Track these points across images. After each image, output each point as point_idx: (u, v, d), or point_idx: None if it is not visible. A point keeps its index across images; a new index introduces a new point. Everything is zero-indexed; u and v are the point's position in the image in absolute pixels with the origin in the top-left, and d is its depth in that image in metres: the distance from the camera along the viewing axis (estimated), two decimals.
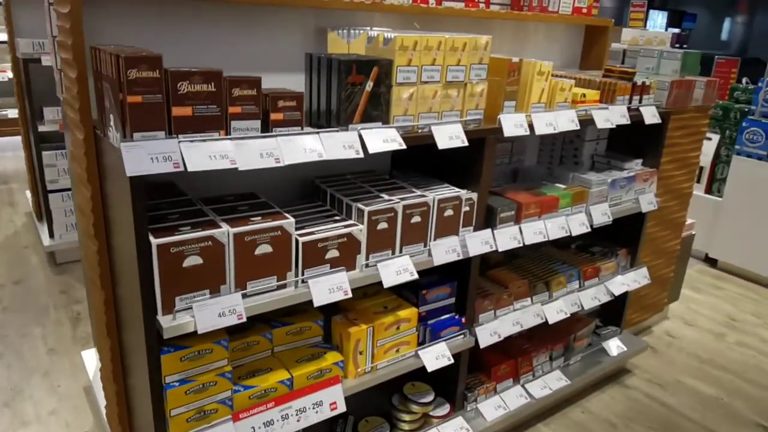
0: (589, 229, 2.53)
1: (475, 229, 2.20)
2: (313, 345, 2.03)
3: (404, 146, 1.81)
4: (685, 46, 9.72)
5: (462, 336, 2.30)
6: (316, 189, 2.12)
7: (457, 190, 2.11)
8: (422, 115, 1.92)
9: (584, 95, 2.42)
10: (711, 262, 4.81)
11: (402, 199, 1.95)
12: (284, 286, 1.75)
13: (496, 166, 2.84)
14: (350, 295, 1.81)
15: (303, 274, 1.77)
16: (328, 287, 1.78)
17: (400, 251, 1.99)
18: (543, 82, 2.23)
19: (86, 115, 1.72)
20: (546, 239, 2.38)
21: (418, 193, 2.04)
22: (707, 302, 4.14)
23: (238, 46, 2.02)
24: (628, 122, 2.54)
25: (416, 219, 1.98)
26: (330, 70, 1.73)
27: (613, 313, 3.20)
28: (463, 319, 2.30)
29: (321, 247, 1.77)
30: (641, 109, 2.64)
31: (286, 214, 1.73)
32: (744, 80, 5.27)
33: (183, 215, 1.68)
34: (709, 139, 4.80)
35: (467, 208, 2.14)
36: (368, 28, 2.13)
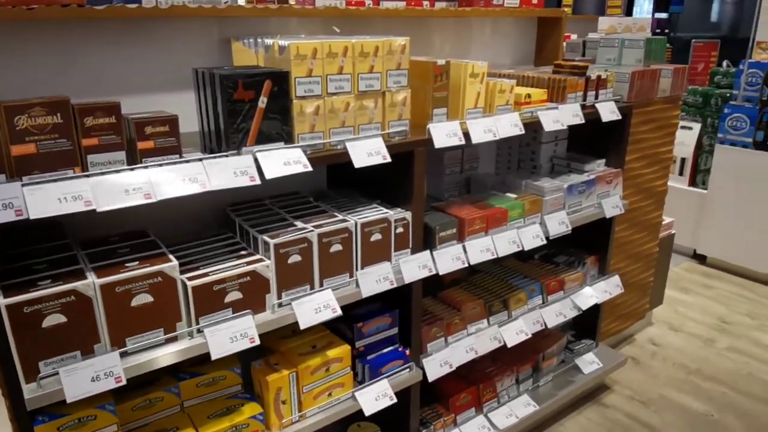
0: (545, 242, 2.30)
1: (413, 252, 1.97)
2: (230, 396, 1.80)
3: (310, 168, 1.59)
4: (666, 31, 9.50)
5: (407, 370, 2.07)
6: (227, 218, 1.90)
7: (385, 211, 1.88)
8: (334, 131, 1.69)
9: (529, 95, 2.19)
10: (700, 258, 4.58)
11: (318, 226, 1.73)
12: (175, 339, 1.52)
13: (447, 176, 2.62)
14: (257, 342, 1.59)
15: (198, 323, 1.54)
16: (230, 336, 1.56)
17: (321, 285, 1.76)
18: (478, 84, 2.00)
19: None
20: (495, 256, 2.15)
21: (340, 217, 1.81)
22: (696, 304, 3.91)
23: (132, 66, 1.80)
24: (583, 121, 2.31)
25: (337, 247, 1.75)
26: (214, 86, 1.51)
27: (586, 325, 2.96)
28: (408, 351, 2.07)
29: (218, 290, 1.54)
30: (597, 105, 2.41)
31: (170, 256, 1.50)
32: (725, 63, 5.03)
33: (51, 264, 1.46)
34: (690, 128, 4.57)
35: (400, 230, 1.92)
36: (277, 36, 1.91)
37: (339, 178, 2.26)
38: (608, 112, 2.43)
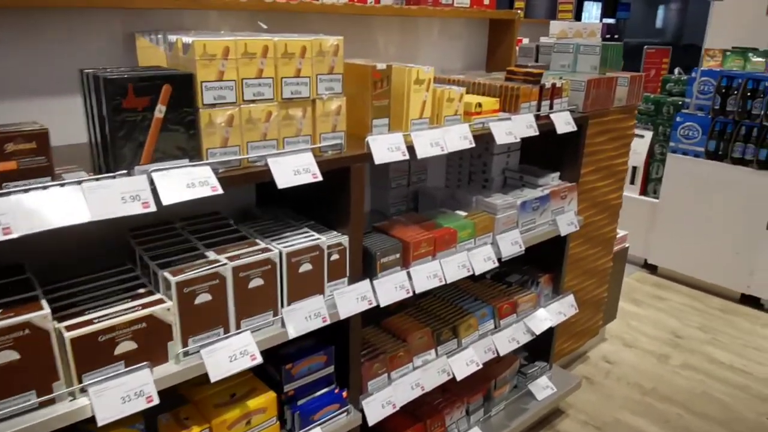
0: (497, 264, 2.10)
1: (351, 282, 1.74)
2: None
3: (220, 190, 1.33)
4: (616, 36, 9.56)
5: (344, 414, 1.83)
6: (129, 245, 1.61)
7: (317, 236, 1.64)
8: (253, 145, 1.44)
9: (480, 105, 1.98)
10: (651, 268, 4.51)
11: (234, 258, 1.47)
12: (51, 402, 1.24)
13: (392, 189, 2.40)
14: (156, 401, 1.32)
15: (80, 381, 1.26)
16: (122, 395, 1.28)
17: (237, 328, 1.50)
18: (424, 92, 1.78)
19: None
20: (443, 283, 1.93)
21: (262, 245, 1.55)
22: (649, 317, 3.81)
23: (12, 66, 1.50)
24: (537, 133, 2.13)
25: (257, 282, 1.50)
26: (99, 91, 1.24)
27: (540, 347, 2.79)
28: (345, 393, 1.83)
29: (105, 341, 1.26)
30: (552, 116, 2.23)
31: (42, 302, 1.22)
32: (677, 70, 5.01)
33: None
34: (641, 136, 4.50)
35: (336, 257, 1.67)
36: (191, 32, 1.64)
37: (270, 194, 2.00)
38: (563, 123, 2.26)
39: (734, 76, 3.83)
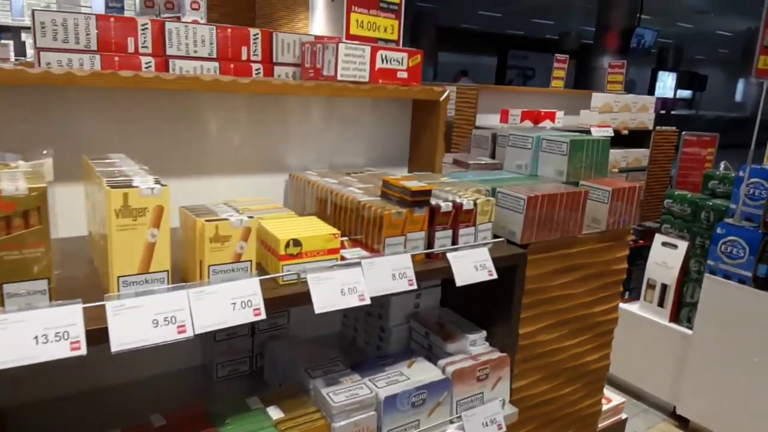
0: None
1: None
2: None
3: None
4: (672, 111, 8.60)
5: None
6: None
7: None
8: None
9: (297, 243, 1.17)
10: (680, 420, 3.41)
11: None
12: None
13: (216, 342, 1.60)
14: None
15: None
16: None
17: None
18: (146, 228, 1.00)
19: None
20: None
21: None
22: None
23: None
24: (413, 287, 1.29)
25: None
26: None
27: None
28: None
29: None
30: (450, 256, 1.39)
31: None
32: (722, 165, 4.01)
33: None
34: (674, 246, 3.51)
35: None
36: None
37: None
38: (471, 267, 1.40)
39: None
